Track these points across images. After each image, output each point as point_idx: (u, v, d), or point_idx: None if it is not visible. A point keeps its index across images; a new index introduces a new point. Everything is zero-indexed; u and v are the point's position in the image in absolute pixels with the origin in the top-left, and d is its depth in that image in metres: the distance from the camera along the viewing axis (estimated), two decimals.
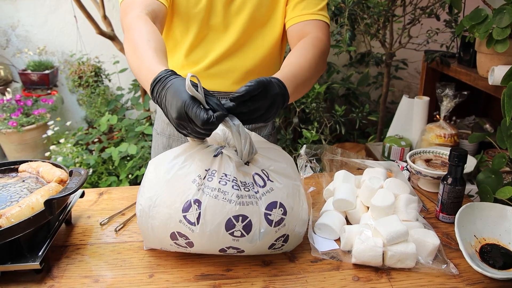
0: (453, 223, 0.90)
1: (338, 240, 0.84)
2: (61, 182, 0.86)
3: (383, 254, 0.74)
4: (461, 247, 0.73)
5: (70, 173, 0.86)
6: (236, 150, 0.72)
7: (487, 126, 1.64)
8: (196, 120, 0.60)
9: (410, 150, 1.66)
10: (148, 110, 2.47)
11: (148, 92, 0.70)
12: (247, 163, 0.74)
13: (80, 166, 2.18)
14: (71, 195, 0.83)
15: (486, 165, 1.23)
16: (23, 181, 0.90)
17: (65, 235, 0.90)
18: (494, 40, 1.16)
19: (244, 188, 0.71)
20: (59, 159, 2.14)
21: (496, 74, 1.17)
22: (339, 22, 1.54)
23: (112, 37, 2.33)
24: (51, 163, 0.92)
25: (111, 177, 2.23)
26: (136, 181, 2.21)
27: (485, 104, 1.78)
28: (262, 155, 0.76)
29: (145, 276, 0.76)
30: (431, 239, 0.77)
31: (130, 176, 2.19)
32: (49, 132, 2.36)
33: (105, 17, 2.31)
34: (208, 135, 0.66)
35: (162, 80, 0.66)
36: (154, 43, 0.76)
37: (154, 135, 1.20)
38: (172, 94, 0.63)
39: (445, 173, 1.00)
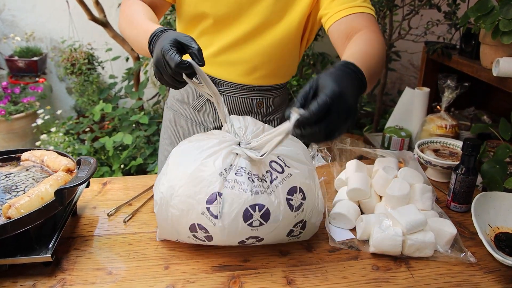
0: (465, 212, 0.91)
1: (352, 230, 0.84)
2: (68, 171, 0.83)
3: (402, 243, 0.74)
4: (480, 236, 0.74)
5: (78, 162, 0.83)
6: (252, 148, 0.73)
7: (485, 117, 1.66)
8: (170, 62, 0.66)
9: (410, 141, 1.67)
10: (141, 99, 2.42)
11: (147, 52, 0.77)
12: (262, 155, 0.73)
13: (72, 156, 2.12)
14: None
15: (487, 155, 1.25)
16: (27, 170, 0.86)
17: (72, 226, 0.87)
18: (500, 32, 1.17)
19: (257, 179, 0.71)
20: (50, 148, 2.08)
21: (501, 66, 1.18)
22: None
23: (105, 24, 2.26)
24: (56, 152, 0.89)
25: (103, 167, 2.18)
26: (129, 172, 2.17)
27: (483, 97, 1.80)
28: None
29: (160, 268, 0.74)
30: (448, 228, 0.77)
31: (122, 166, 2.15)
32: (39, 121, 2.28)
33: (97, 3, 2.23)
34: (179, 85, 0.71)
35: (157, 35, 0.74)
36: (148, 16, 0.86)
37: (165, 109, 1.20)
38: (158, 43, 0.71)
39: (454, 163, 1.00)
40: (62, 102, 2.92)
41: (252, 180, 0.70)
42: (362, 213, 0.88)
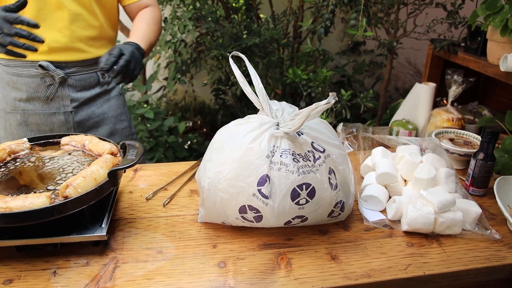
0: (483, 196, 0.98)
1: (383, 211, 0.89)
2: (112, 154, 0.85)
3: (434, 221, 0.79)
4: (506, 214, 0.80)
5: (122, 146, 0.86)
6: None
7: (486, 112, 1.74)
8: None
9: (416, 134, 1.74)
10: (146, 92, 2.43)
11: None
12: (300, 134, 0.77)
13: None
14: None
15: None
16: (69, 154, 0.88)
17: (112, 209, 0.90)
18: (509, 29, 1.24)
19: (302, 159, 0.75)
20: None
21: (509, 61, 1.25)
22: (353, 8, 1.58)
23: None
24: (97, 137, 0.91)
25: None
26: None
27: (482, 93, 1.89)
28: (312, 127, 0.80)
29: (208, 247, 0.78)
30: (474, 208, 0.83)
31: None
32: None
33: None
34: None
35: None
36: None
37: (2, 116, 1.15)
38: None
39: (470, 150, 1.07)
40: None
41: (297, 160, 0.74)
42: (389, 196, 0.94)
